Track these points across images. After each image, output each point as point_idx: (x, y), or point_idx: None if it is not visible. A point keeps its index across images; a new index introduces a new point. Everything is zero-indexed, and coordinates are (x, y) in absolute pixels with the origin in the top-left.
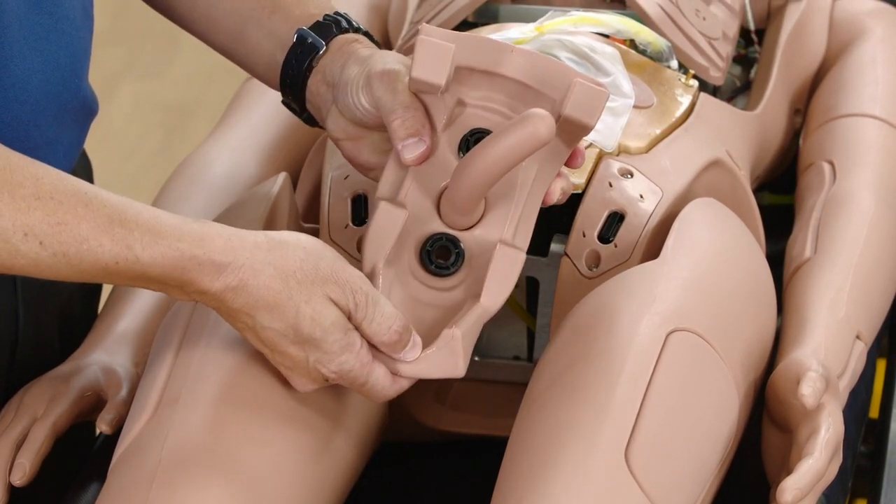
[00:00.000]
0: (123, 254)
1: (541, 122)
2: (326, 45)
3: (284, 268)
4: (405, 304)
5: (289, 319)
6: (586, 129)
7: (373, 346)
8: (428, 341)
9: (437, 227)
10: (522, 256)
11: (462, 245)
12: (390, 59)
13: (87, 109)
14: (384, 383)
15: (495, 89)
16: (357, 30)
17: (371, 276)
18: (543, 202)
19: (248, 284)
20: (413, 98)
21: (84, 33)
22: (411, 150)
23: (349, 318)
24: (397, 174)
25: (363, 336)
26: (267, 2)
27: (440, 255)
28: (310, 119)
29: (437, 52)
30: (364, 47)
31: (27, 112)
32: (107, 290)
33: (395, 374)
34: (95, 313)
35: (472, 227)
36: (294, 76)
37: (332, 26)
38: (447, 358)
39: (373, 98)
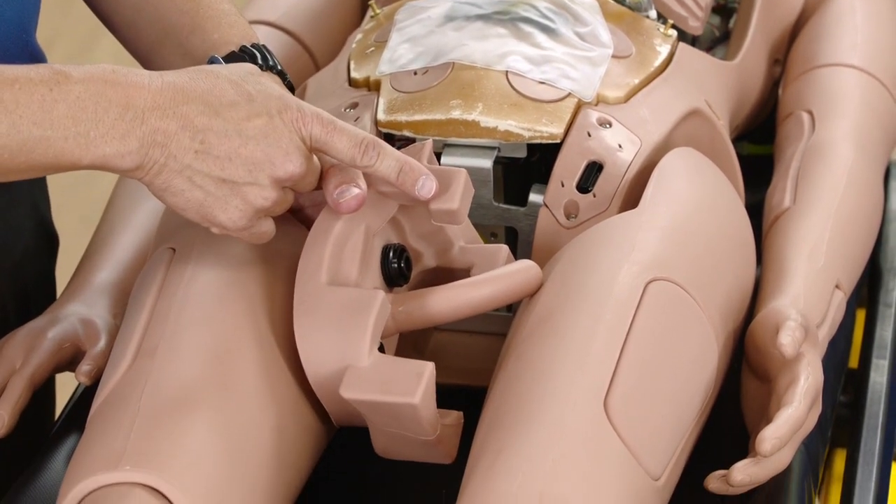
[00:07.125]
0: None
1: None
2: None
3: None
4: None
5: None
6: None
7: None
8: None
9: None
10: None
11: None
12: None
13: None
14: None
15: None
16: (272, 67)
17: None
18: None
19: None
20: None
21: None
22: (346, 195)
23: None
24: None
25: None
26: (188, 19)
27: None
28: None
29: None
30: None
31: None
32: (63, 250)
33: None
34: (52, 273)
35: None
36: None
37: (244, 59)
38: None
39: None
